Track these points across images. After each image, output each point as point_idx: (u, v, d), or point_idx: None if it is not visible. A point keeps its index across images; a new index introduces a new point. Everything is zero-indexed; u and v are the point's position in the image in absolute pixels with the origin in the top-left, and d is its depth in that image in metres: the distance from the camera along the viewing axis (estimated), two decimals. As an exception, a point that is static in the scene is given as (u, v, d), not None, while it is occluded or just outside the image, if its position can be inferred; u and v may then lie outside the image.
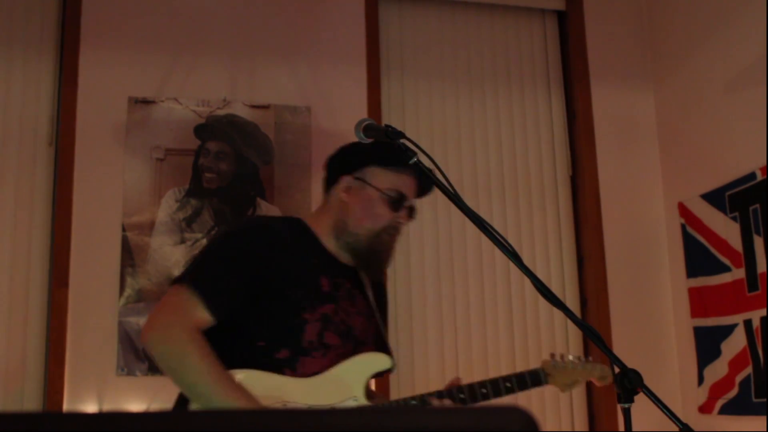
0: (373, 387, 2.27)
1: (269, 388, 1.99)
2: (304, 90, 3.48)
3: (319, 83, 3.50)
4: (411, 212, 2.22)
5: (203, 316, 1.97)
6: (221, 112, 3.38)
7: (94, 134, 3.26)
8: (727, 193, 3.30)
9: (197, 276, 2.03)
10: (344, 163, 2.22)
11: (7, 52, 3.28)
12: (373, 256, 2.17)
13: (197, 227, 3.27)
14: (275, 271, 2.06)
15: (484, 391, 2.14)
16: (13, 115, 3.24)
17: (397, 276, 3.50)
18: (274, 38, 3.51)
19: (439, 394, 2.11)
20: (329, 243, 2.18)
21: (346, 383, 2.07)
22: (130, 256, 3.20)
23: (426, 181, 2.21)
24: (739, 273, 3.22)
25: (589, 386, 3.60)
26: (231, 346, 2.01)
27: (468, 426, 0.67)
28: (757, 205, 3.14)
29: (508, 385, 2.17)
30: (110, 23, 3.36)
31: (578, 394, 3.58)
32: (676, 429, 1.59)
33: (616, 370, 1.64)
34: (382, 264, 2.20)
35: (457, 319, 3.52)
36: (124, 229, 3.21)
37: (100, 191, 3.23)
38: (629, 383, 1.61)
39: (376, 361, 2.13)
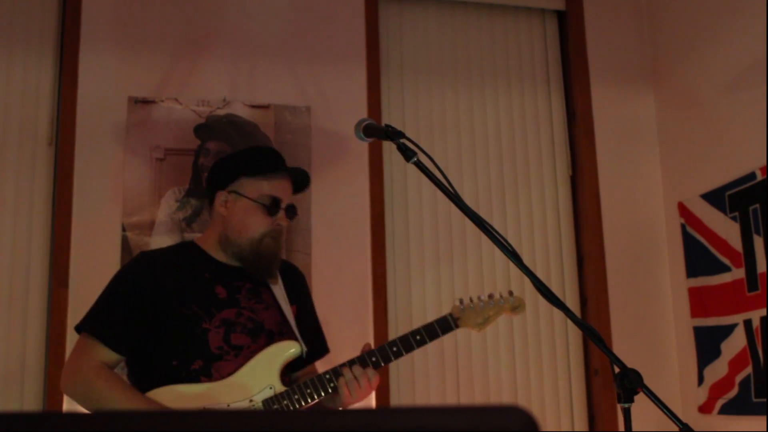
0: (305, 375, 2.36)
1: (185, 397, 2.13)
2: (304, 90, 3.48)
3: (319, 83, 3.50)
4: (290, 213, 2.33)
5: (106, 354, 2.18)
6: (221, 112, 3.38)
7: (94, 134, 3.26)
8: (727, 193, 3.30)
9: (92, 320, 2.23)
10: (218, 178, 2.37)
11: (7, 52, 3.27)
12: (260, 260, 2.29)
13: (197, 227, 3.27)
14: (166, 294, 2.21)
15: (395, 349, 2.23)
16: (13, 115, 3.24)
17: (397, 276, 3.50)
18: (274, 38, 3.50)
19: (351, 362, 2.21)
20: (219, 255, 2.33)
21: (260, 375, 2.19)
22: (130, 256, 3.19)
23: (300, 177, 2.39)
24: (739, 273, 3.22)
25: (589, 386, 3.60)
26: (151, 372, 2.19)
27: (468, 426, 0.67)
28: (757, 205, 3.14)
29: (418, 337, 2.25)
30: (110, 23, 3.36)
31: (578, 394, 3.58)
32: (676, 429, 1.59)
33: (617, 369, 1.64)
34: (270, 266, 2.32)
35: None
36: (124, 229, 3.21)
37: (100, 191, 3.22)
38: (629, 383, 1.61)
39: (284, 349, 2.25)
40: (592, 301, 3.62)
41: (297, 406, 2.19)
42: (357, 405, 2.25)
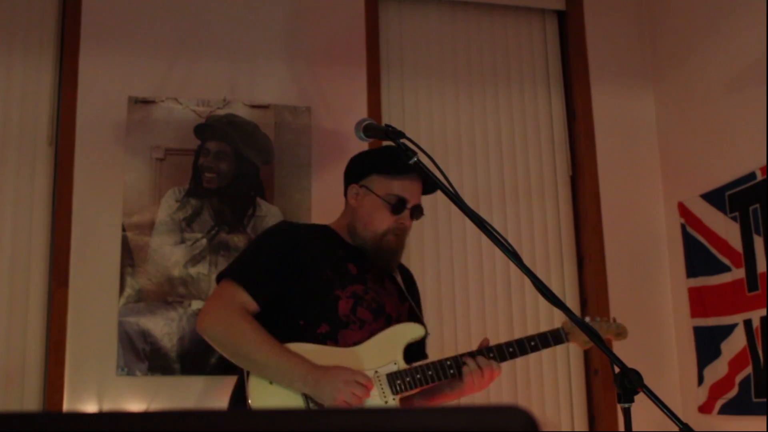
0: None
1: (316, 356, 2.20)
2: (304, 90, 3.48)
3: (319, 83, 3.50)
4: (415, 213, 2.42)
5: (247, 300, 2.24)
6: (221, 112, 3.38)
7: (94, 134, 3.26)
8: (727, 193, 3.30)
9: (237, 268, 2.34)
10: (353, 172, 2.49)
11: (7, 52, 3.27)
12: (380, 255, 2.40)
13: (197, 227, 3.27)
14: (306, 258, 2.33)
15: (511, 350, 2.37)
16: (13, 115, 3.24)
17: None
18: (274, 38, 3.50)
19: (471, 354, 2.33)
20: (350, 240, 2.44)
21: (385, 350, 2.30)
22: (130, 256, 3.20)
23: (429, 178, 2.36)
24: (739, 273, 3.22)
25: (589, 386, 3.60)
26: (277, 328, 2.24)
27: (468, 426, 0.67)
28: (757, 205, 3.14)
29: (533, 344, 2.38)
30: (110, 23, 3.36)
31: (578, 394, 3.58)
32: (676, 429, 1.59)
33: (617, 369, 1.64)
34: (389, 262, 2.43)
35: (457, 319, 3.52)
36: (124, 229, 3.21)
37: (100, 191, 3.22)
38: (629, 383, 1.61)
39: (411, 330, 2.36)
40: (592, 301, 3.62)
41: (417, 385, 2.26)
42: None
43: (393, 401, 2.25)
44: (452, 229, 3.58)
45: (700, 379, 3.43)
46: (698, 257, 3.46)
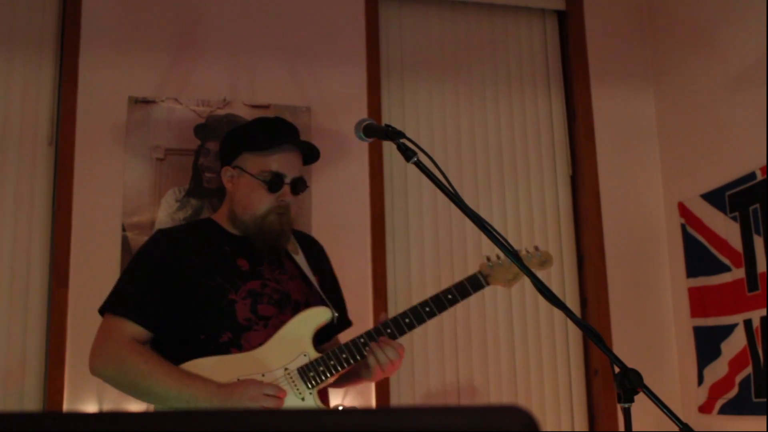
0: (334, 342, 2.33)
1: (219, 369, 2.09)
2: (304, 90, 3.48)
3: (319, 83, 3.50)
4: (296, 186, 2.27)
5: (136, 331, 2.13)
6: (221, 112, 3.38)
7: (94, 134, 3.26)
8: (727, 193, 3.30)
9: (117, 299, 2.20)
10: (225, 153, 2.34)
11: (7, 52, 3.27)
12: (263, 238, 2.24)
13: (197, 227, 3.27)
14: (190, 267, 2.17)
15: (427, 309, 2.21)
16: (13, 115, 3.24)
17: (397, 276, 3.50)
18: (274, 38, 3.50)
19: (384, 325, 2.18)
20: (233, 230, 2.29)
21: (292, 343, 2.16)
22: (130, 256, 3.19)
23: (309, 149, 2.32)
24: (739, 273, 3.22)
25: (589, 386, 3.60)
26: (178, 346, 2.14)
27: (468, 426, 0.67)
28: (757, 205, 3.14)
29: (450, 296, 2.24)
30: (110, 23, 3.36)
31: (578, 394, 3.58)
32: (676, 429, 1.59)
33: (617, 369, 1.64)
34: (275, 243, 2.26)
35: (457, 319, 3.52)
36: (124, 229, 3.21)
37: (100, 191, 3.22)
38: (629, 383, 1.61)
39: (315, 315, 2.22)
40: (592, 301, 3.62)
41: (333, 372, 2.14)
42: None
43: (310, 396, 2.13)
44: (452, 229, 3.58)
45: (700, 379, 3.43)
46: (698, 257, 3.46)
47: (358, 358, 2.16)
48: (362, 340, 2.17)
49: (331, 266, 2.48)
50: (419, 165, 1.87)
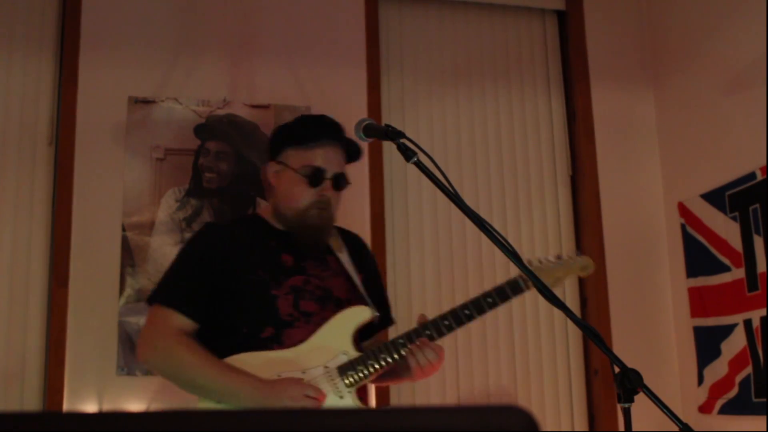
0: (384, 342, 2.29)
1: (261, 364, 2.11)
2: (304, 90, 3.48)
3: (319, 83, 3.50)
4: (337, 183, 2.28)
5: (183, 322, 2.16)
6: (221, 112, 3.38)
7: (94, 134, 3.26)
8: (727, 193, 3.30)
9: (165, 290, 2.24)
10: (270, 149, 2.36)
11: (7, 52, 3.27)
12: (306, 231, 2.26)
13: (197, 227, 3.27)
14: (234, 262, 2.21)
15: (467, 312, 2.21)
16: (13, 115, 3.24)
17: (398, 276, 3.50)
18: (274, 38, 3.50)
19: (409, 336, 2.18)
20: (279, 225, 2.31)
21: (332, 341, 2.18)
22: (130, 256, 3.20)
23: (351, 147, 2.33)
24: (739, 273, 3.22)
25: (589, 386, 3.60)
26: (220, 341, 2.17)
27: (468, 426, 0.67)
28: (757, 205, 3.14)
29: (490, 300, 2.22)
30: (110, 23, 3.36)
31: (578, 394, 3.58)
32: (676, 429, 1.59)
33: (617, 369, 1.64)
34: (317, 238, 2.28)
35: (457, 319, 3.52)
36: (124, 229, 3.21)
37: (100, 191, 3.22)
38: (629, 383, 1.61)
39: (356, 314, 2.23)
40: (592, 301, 3.62)
41: (371, 370, 2.15)
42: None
43: (349, 395, 2.14)
44: (452, 229, 3.58)
45: (700, 379, 3.43)
46: (698, 257, 3.46)
47: (397, 357, 2.17)
48: (401, 340, 2.18)
49: (376, 265, 2.50)
50: (419, 165, 1.87)
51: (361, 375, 2.15)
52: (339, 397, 2.14)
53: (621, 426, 2.60)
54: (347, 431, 0.66)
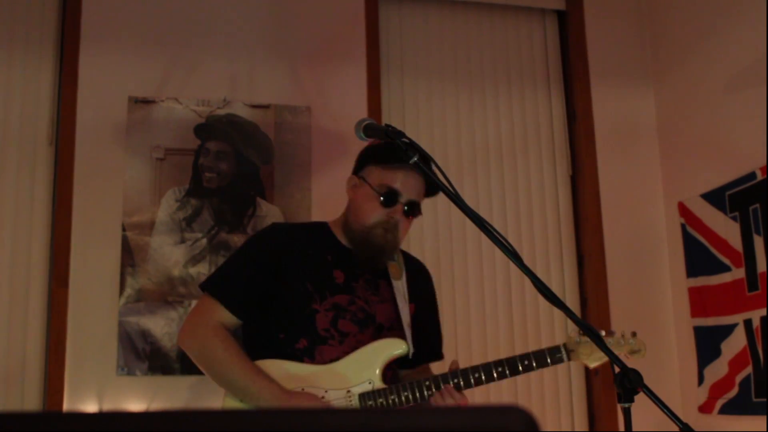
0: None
1: (289, 375, 2.17)
2: (304, 90, 3.48)
3: (319, 83, 3.50)
4: (409, 209, 2.27)
5: (225, 316, 2.22)
6: (221, 112, 3.38)
7: (94, 134, 3.26)
8: (727, 193, 3.30)
9: (218, 281, 2.29)
10: (356, 163, 2.38)
11: (7, 52, 3.27)
12: (368, 249, 2.26)
13: (197, 227, 3.27)
14: (288, 268, 2.25)
15: (500, 369, 2.18)
16: (13, 115, 3.24)
17: (397, 276, 3.49)
18: (274, 38, 3.50)
19: (453, 374, 2.16)
20: (344, 239, 2.33)
21: (361, 367, 2.20)
22: (130, 256, 3.20)
23: (429, 179, 2.26)
24: (739, 273, 3.22)
25: (589, 386, 3.60)
26: (257, 341, 2.24)
27: (468, 426, 0.67)
28: (757, 205, 3.14)
29: (526, 362, 2.18)
30: (110, 23, 3.36)
31: (578, 394, 3.58)
32: (676, 429, 1.59)
33: (617, 369, 1.64)
34: (377, 257, 2.29)
35: (457, 318, 3.52)
36: (124, 229, 3.21)
37: (100, 191, 3.22)
38: (629, 383, 1.61)
39: (391, 346, 2.23)
40: (592, 301, 3.62)
41: (390, 404, 2.15)
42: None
43: None
44: (452, 229, 3.58)
45: (700, 379, 3.43)
46: (698, 257, 3.46)
47: (418, 398, 2.16)
48: (427, 383, 2.17)
49: (434, 298, 2.50)
50: (419, 165, 1.87)
51: (379, 406, 2.15)
52: None
53: (621, 426, 2.60)
54: (347, 431, 0.66)
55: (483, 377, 2.18)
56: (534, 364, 2.18)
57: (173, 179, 3.29)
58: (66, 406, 3.02)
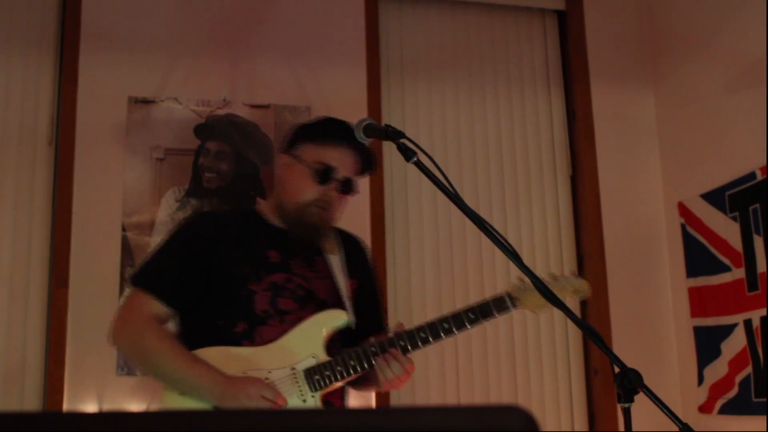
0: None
1: (229, 360, 2.10)
2: (304, 90, 3.48)
3: (319, 83, 3.50)
4: (345, 186, 2.24)
5: (157, 308, 2.15)
6: (221, 112, 3.38)
7: (94, 134, 3.26)
8: (727, 193, 3.30)
9: (147, 273, 2.22)
10: (285, 141, 2.34)
11: (7, 52, 3.28)
12: (302, 227, 2.22)
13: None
14: (219, 253, 2.19)
15: (446, 326, 2.16)
16: (13, 115, 3.24)
17: (397, 276, 3.50)
18: (274, 38, 3.51)
19: (381, 345, 2.14)
20: (276, 221, 2.28)
21: (303, 343, 2.15)
22: (130, 256, 3.20)
23: (368, 158, 2.30)
24: (739, 273, 3.22)
25: (589, 386, 3.60)
26: (196, 330, 2.17)
27: (468, 426, 0.67)
28: (757, 205, 3.14)
29: (472, 316, 2.17)
30: (110, 23, 3.36)
31: (578, 394, 3.58)
32: (676, 429, 1.59)
33: (617, 369, 1.64)
34: (311, 236, 2.24)
35: (457, 319, 3.52)
36: (124, 229, 3.21)
37: (100, 191, 3.22)
38: (629, 383, 1.61)
39: (331, 318, 2.19)
40: (592, 301, 3.61)
41: (338, 377, 2.12)
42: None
43: (312, 399, 2.10)
44: (452, 229, 3.58)
45: (700, 379, 3.43)
46: (698, 257, 3.46)
47: (366, 367, 2.13)
48: (373, 349, 2.13)
49: (375, 272, 2.46)
50: (419, 165, 1.87)
51: (327, 381, 2.12)
52: (302, 400, 2.10)
53: (621, 426, 2.60)
54: (347, 431, 0.66)
55: (429, 337, 2.15)
56: (480, 317, 2.16)
57: (173, 179, 3.30)
58: (66, 406, 3.02)
